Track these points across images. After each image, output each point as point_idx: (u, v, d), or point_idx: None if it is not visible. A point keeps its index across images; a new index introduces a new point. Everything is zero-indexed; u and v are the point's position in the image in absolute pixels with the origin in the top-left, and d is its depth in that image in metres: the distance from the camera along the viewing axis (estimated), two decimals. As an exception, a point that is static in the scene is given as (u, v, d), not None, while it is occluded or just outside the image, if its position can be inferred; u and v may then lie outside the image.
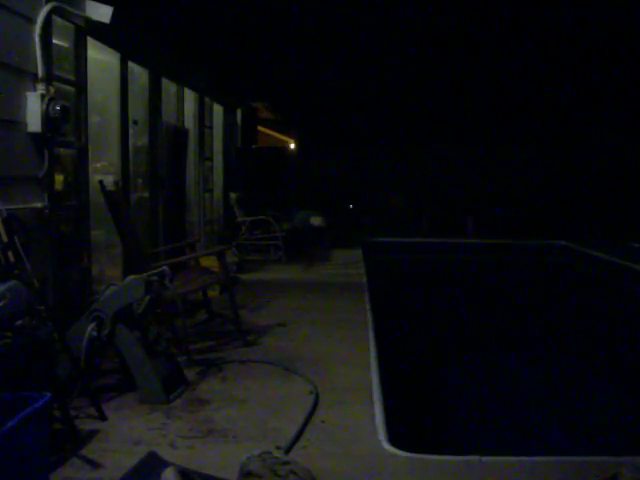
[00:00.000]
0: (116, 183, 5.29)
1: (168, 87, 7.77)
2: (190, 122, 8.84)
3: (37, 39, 4.11)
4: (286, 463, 2.60)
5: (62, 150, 4.69)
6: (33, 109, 4.04)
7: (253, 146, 13.92)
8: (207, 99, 9.58)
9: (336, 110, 14.61)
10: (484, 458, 3.05)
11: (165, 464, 2.71)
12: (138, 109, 6.79)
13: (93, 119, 5.80)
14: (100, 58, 5.89)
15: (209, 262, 6.08)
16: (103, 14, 4.71)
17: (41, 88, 4.10)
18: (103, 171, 6.23)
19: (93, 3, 4.72)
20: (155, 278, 3.90)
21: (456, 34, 10.51)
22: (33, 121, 4.04)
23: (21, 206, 3.86)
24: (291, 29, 10.03)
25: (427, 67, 12.27)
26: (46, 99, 4.07)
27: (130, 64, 6.27)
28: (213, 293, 6.39)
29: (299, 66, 12.14)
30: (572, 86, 12.93)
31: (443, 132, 14.72)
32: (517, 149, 14.85)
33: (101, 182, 4.70)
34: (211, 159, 9.94)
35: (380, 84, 13.37)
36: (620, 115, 13.61)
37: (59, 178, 4.63)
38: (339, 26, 10.13)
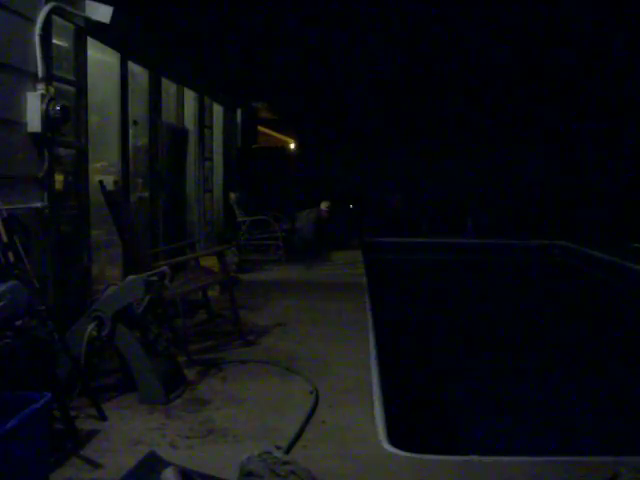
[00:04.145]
0: (116, 183, 5.29)
1: (168, 87, 7.77)
2: (190, 122, 8.84)
3: (37, 39, 4.10)
4: (286, 463, 2.60)
5: (62, 150, 4.68)
6: (33, 109, 4.03)
7: (253, 146, 13.92)
8: (207, 99, 9.58)
9: (336, 110, 14.62)
10: (484, 458, 3.05)
11: (165, 464, 2.71)
12: (138, 109, 6.79)
13: (93, 119, 5.80)
14: (100, 58, 5.88)
15: (209, 262, 6.08)
16: (103, 14, 4.70)
17: (41, 88, 4.09)
18: (103, 171, 6.22)
19: (93, 3, 4.72)
20: (155, 278, 3.90)
21: (457, 35, 10.53)
22: (33, 121, 4.04)
23: (21, 206, 3.86)
24: (291, 29, 10.04)
25: (427, 67, 12.28)
26: (46, 99, 4.06)
27: (130, 64, 6.27)
28: (213, 293, 6.39)
29: (299, 66, 12.15)
30: (572, 86, 12.93)
31: (443, 132, 14.72)
32: (517, 149, 14.85)
33: (101, 182, 4.69)
34: (211, 159, 9.94)
35: (380, 84, 13.37)
36: (619, 114, 13.61)
37: (59, 178, 4.62)
38: (339, 26, 10.15)
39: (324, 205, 11.14)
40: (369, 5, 9.37)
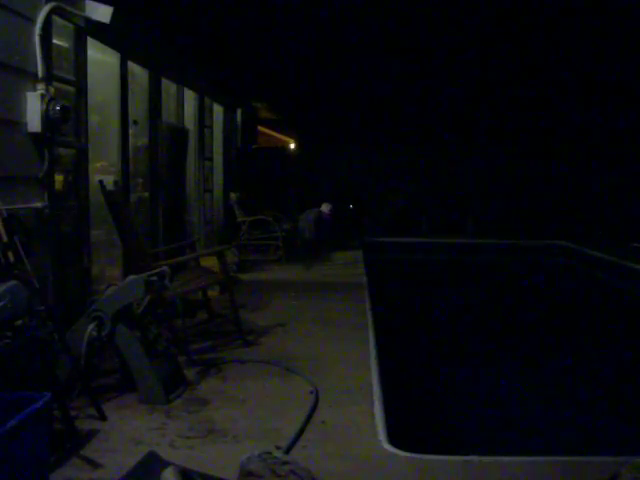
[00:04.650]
0: (116, 183, 5.29)
1: (168, 87, 7.77)
2: (190, 122, 8.84)
3: (37, 39, 4.11)
4: (286, 463, 2.60)
5: (62, 150, 4.69)
6: (33, 109, 4.03)
7: (253, 146, 13.91)
8: (207, 99, 9.58)
9: (336, 110, 14.61)
10: (484, 458, 3.05)
11: (165, 464, 2.71)
12: (138, 109, 6.79)
13: (93, 119, 5.80)
14: (100, 58, 5.89)
15: (209, 262, 6.08)
16: (103, 14, 4.70)
17: (41, 88, 4.09)
18: (103, 171, 6.23)
19: (93, 3, 4.72)
20: (155, 278, 3.90)
21: (457, 33, 10.52)
22: (33, 121, 4.04)
23: (21, 206, 3.86)
24: (291, 28, 10.03)
25: (427, 67, 12.27)
26: (46, 99, 4.07)
27: (130, 64, 6.27)
28: (213, 293, 6.39)
29: (299, 66, 12.13)
30: (573, 85, 12.93)
31: (443, 132, 14.71)
32: (518, 149, 14.85)
33: (101, 182, 4.70)
34: (211, 159, 9.94)
35: (380, 84, 13.37)
36: (619, 114, 13.61)
37: (59, 178, 4.63)
38: (339, 25, 10.13)
39: (326, 207, 11.12)
40: (370, 5, 9.37)
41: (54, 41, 4.42)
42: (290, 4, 8.88)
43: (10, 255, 3.23)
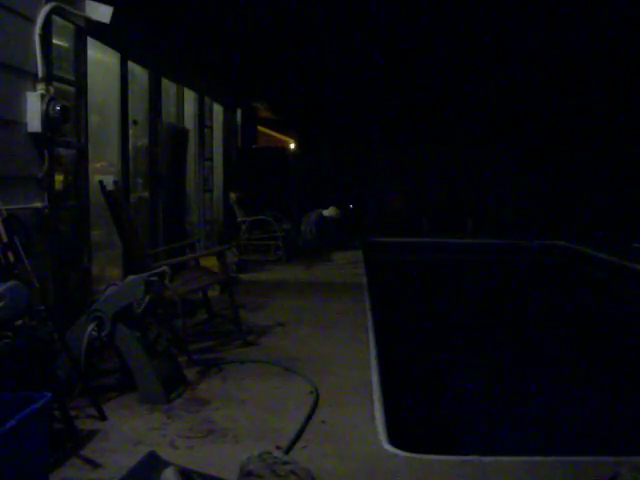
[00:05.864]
0: (116, 183, 5.29)
1: (168, 87, 7.78)
2: (190, 122, 8.84)
3: (37, 39, 4.10)
4: (286, 463, 2.60)
5: (62, 150, 4.69)
6: (33, 109, 4.03)
7: (253, 146, 13.91)
8: (207, 99, 9.58)
9: (336, 110, 14.62)
10: (484, 458, 3.05)
11: (165, 464, 2.71)
12: (138, 109, 6.79)
13: (93, 119, 5.80)
14: (100, 58, 5.89)
15: (209, 262, 6.08)
16: (103, 14, 4.70)
17: (41, 88, 4.09)
18: (103, 171, 6.23)
19: (93, 3, 4.72)
20: (155, 278, 3.90)
21: (458, 35, 10.53)
22: (33, 121, 4.04)
23: (21, 206, 3.86)
24: (291, 29, 10.04)
25: (427, 68, 12.28)
26: (46, 99, 4.06)
27: (130, 64, 6.28)
28: (213, 293, 6.39)
29: (299, 66, 12.14)
30: (571, 86, 12.94)
31: (443, 132, 14.71)
32: (517, 149, 14.84)
33: (101, 182, 4.70)
34: (211, 159, 9.94)
35: (380, 84, 13.38)
36: (619, 115, 13.61)
37: (59, 178, 4.63)
38: (339, 26, 10.15)
39: (334, 211, 11.11)
40: (371, 5, 9.38)
41: (54, 41, 4.42)
42: (290, 5, 8.89)
43: (10, 255, 3.23)
